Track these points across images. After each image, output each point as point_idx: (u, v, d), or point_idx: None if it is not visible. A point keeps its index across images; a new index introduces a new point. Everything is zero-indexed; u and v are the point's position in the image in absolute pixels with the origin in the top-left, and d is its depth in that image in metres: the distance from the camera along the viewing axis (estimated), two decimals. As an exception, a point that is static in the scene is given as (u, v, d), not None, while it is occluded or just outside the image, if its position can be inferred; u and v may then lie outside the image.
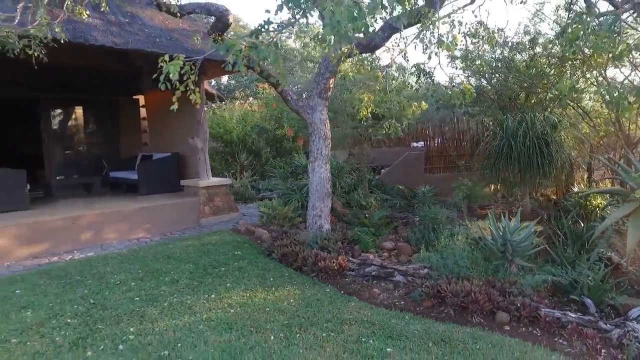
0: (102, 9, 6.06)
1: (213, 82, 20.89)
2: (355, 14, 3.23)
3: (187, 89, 4.23)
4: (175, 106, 4.21)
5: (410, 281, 4.87)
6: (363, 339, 3.65)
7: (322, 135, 6.38)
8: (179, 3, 6.01)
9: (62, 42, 5.27)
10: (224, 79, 23.29)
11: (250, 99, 21.81)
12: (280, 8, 3.80)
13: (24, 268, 5.74)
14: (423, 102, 6.98)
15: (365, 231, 6.59)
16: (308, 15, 3.85)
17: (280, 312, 4.21)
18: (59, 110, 10.58)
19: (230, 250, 6.22)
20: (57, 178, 9.22)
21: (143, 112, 11.46)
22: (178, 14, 5.94)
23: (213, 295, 4.60)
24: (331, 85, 6.39)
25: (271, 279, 5.12)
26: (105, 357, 3.39)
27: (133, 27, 7.31)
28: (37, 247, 6.29)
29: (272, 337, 3.68)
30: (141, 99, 11.35)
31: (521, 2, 6.54)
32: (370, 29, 3.56)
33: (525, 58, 8.61)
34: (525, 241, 5.04)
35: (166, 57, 3.88)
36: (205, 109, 10.11)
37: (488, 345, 3.53)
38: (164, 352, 3.44)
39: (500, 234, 5.05)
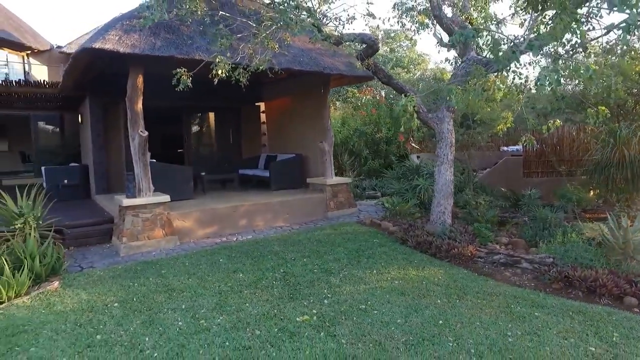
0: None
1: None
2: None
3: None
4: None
5: (536, 268, 5.74)
6: (511, 306, 4.61)
7: (449, 143, 7.36)
8: (338, 33, 7.15)
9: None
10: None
11: (337, 103, 23.10)
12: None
13: (207, 244, 7.24)
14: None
15: (482, 226, 7.47)
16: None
17: (434, 284, 5.27)
18: (196, 117, 12.36)
19: (367, 238, 7.38)
20: (201, 174, 10.88)
21: (263, 117, 13.01)
22: (334, 43, 7.14)
23: (374, 271, 5.75)
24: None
25: (415, 261, 6.19)
26: (316, 306, 4.61)
27: (281, 49, 8.68)
28: (209, 229, 7.81)
29: (439, 301, 4.75)
30: (262, 106, 12.90)
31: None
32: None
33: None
34: (644, 240, 5.71)
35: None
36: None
37: (622, 318, 4.36)
38: (361, 306, 4.61)
39: (622, 233, 5.77)
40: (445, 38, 8.26)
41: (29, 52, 18.09)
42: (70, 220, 7.53)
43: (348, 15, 6.29)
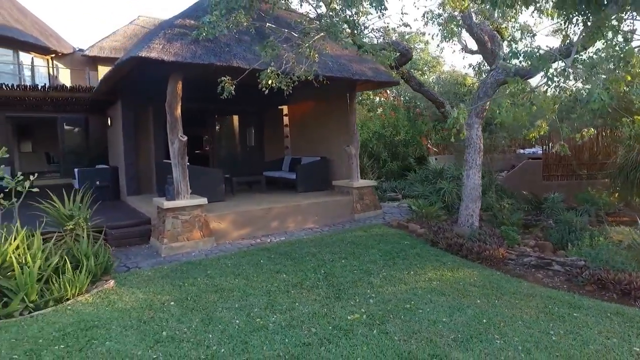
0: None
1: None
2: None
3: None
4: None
5: (568, 270, 5.95)
6: (549, 306, 4.83)
7: (477, 149, 7.59)
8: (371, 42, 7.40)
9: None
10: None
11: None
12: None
13: (242, 246, 7.51)
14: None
15: (509, 229, 7.69)
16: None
17: (471, 285, 5.50)
18: (221, 120, 12.66)
19: (397, 240, 7.62)
20: (226, 176, 11.17)
21: (285, 120, 13.29)
22: (368, 51, 7.39)
23: (411, 272, 5.99)
24: (487, 107, 7.60)
25: (448, 263, 6.42)
26: (363, 305, 4.85)
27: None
28: (243, 230, 8.08)
29: (478, 301, 4.98)
30: (284, 109, 13.17)
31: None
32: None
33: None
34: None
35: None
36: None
37: (659, 319, 4.57)
38: (406, 305, 4.86)
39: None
40: (471, 44, 8.49)
41: (53, 55, 18.49)
42: (110, 221, 7.82)
43: (387, 25, 6.40)
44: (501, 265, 6.41)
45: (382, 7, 5.92)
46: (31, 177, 6.26)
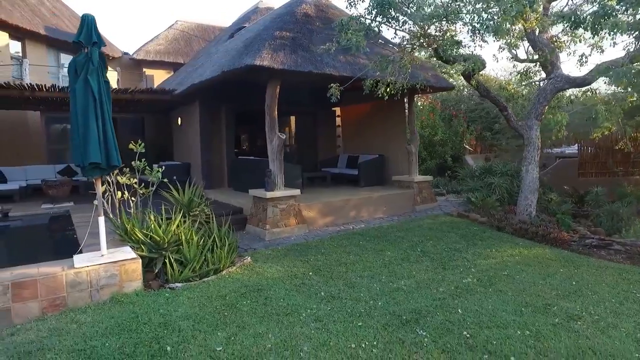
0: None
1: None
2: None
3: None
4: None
5: (628, 250, 7.02)
6: (623, 274, 5.89)
7: (536, 147, 8.66)
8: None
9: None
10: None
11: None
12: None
13: (331, 232, 8.57)
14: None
15: (564, 217, 8.75)
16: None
17: (548, 259, 6.57)
18: (281, 120, 13.72)
19: (466, 226, 8.70)
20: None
21: (338, 120, 14.39)
22: (445, 62, 8.44)
23: (493, 250, 7.07)
24: (545, 110, 8.66)
25: (520, 244, 7.49)
26: (469, 273, 5.92)
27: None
28: (327, 219, 9.15)
29: (561, 270, 6.06)
30: (337, 110, 14.26)
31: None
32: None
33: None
34: None
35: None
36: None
37: None
38: (503, 272, 5.93)
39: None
40: (520, 54, 9.52)
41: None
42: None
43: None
44: (566, 246, 7.47)
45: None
46: (160, 170, 7.33)
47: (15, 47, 14.86)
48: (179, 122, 13.17)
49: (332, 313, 4.67)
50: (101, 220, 5.28)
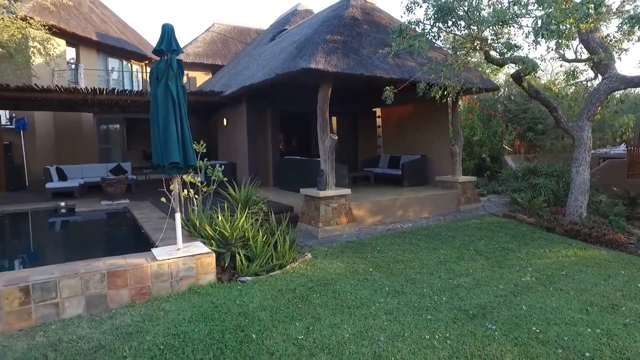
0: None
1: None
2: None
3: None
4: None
5: (685, 251, 6.97)
6: (684, 277, 5.91)
7: (587, 148, 8.64)
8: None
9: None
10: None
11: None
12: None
13: (381, 230, 8.76)
14: None
15: (617, 219, 8.70)
16: None
17: (605, 260, 6.59)
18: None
19: (514, 226, 8.76)
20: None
21: (378, 121, 14.57)
22: (497, 65, 8.53)
23: (546, 250, 7.14)
24: (597, 111, 8.64)
25: (572, 244, 7.52)
26: (526, 272, 6.02)
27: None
28: (376, 218, 9.35)
29: (622, 271, 6.09)
30: (377, 111, 14.44)
31: None
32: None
33: None
34: None
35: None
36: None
37: None
38: (562, 272, 6.01)
39: None
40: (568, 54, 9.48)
41: (147, 62, 20.31)
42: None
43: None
44: (622, 248, 7.45)
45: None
46: (221, 169, 7.69)
47: (71, 53, 15.62)
48: (224, 123, 13.59)
49: (400, 307, 4.88)
50: (177, 216, 5.65)
